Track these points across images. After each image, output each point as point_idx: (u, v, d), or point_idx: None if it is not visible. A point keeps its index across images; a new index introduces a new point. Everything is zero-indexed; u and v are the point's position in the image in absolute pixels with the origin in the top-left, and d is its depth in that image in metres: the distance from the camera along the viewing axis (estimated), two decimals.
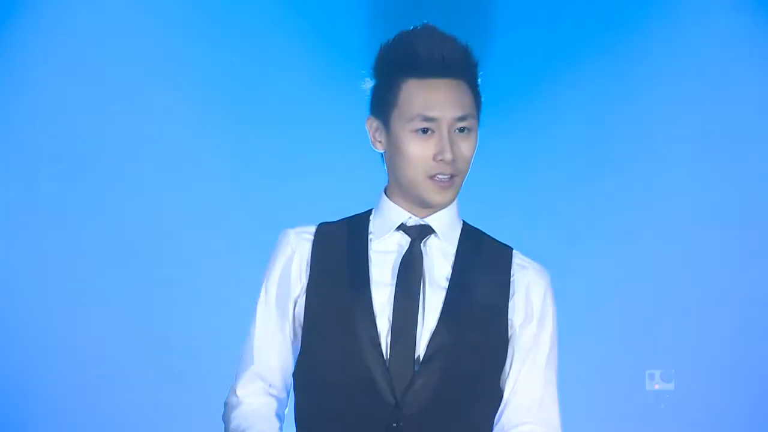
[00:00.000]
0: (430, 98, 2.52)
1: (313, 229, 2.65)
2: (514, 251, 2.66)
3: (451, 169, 2.54)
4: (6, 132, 4.36)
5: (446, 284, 2.58)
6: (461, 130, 2.55)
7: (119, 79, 4.38)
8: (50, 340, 4.35)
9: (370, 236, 2.62)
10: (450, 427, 2.54)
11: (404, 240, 2.60)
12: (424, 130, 2.53)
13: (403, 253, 2.58)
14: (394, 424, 2.52)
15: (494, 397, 2.60)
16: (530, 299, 2.62)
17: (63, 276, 4.35)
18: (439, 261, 2.60)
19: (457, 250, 2.61)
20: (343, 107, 4.10)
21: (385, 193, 2.64)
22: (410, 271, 2.56)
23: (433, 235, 2.61)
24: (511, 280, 2.61)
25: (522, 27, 4.47)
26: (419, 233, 2.60)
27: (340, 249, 2.60)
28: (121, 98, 4.38)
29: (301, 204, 4.29)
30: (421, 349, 2.53)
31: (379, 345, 2.53)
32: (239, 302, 2.95)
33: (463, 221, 2.68)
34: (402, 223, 2.60)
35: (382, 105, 2.58)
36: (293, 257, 2.61)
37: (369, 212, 2.67)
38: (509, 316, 2.60)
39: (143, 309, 4.36)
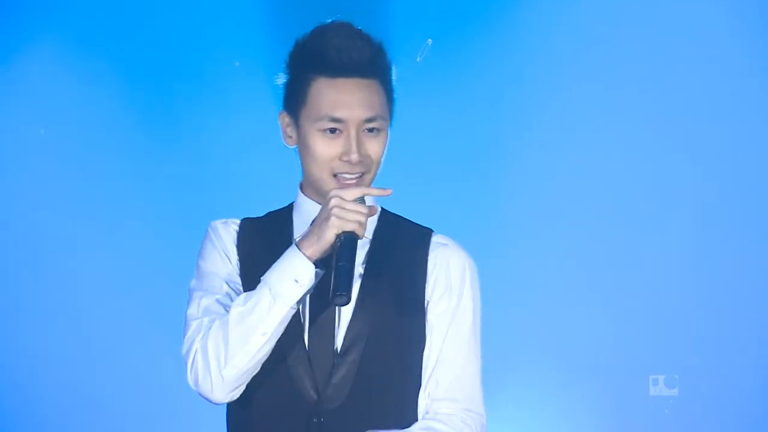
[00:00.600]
0: (338, 98, 2.53)
1: (238, 221, 2.68)
2: (433, 232, 2.66)
3: (358, 169, 2.55)
4: None
5: (361, 273, 2.59)
6: (370, 130, 2.56)
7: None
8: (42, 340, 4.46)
9: (293, 232, 2.63)
10: (372, 417, 2.54)
11: None
12: (332, 130, 2.54)
13: None
14: (315, 420, 2.53)
15: (416, 382, 2.59)
16: (448, 275, 2.61)
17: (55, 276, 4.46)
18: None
19: (372, 238, 2.62)
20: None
21: (301, 188, 2.66)
22: (324, 265, 2.54)
23: None
24: (428, 258, 2.61)
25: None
26: None
27: (266, 245, 2.62)
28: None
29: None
30: (339, 342, 2.55)
31: (303, 340, 2.54)
32: None
33: (382, 208, 2.68)
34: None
35: (293, 101, 2.59)
36: (225, 245, 2.64)
37: (290, 207, 2.69)
38: (426, 295, 2.59)
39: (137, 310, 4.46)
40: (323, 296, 2.51)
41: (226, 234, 2.65)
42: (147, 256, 4.48)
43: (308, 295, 2.54)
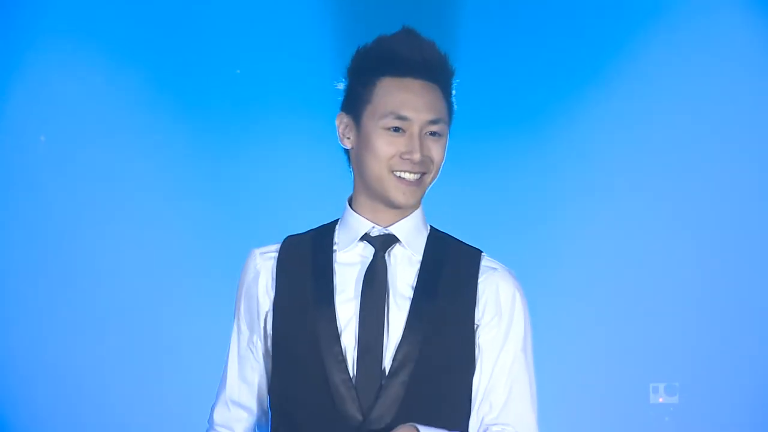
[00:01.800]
0: (405, 98, 2.53)
1: (277, 246, 2.64)
2: (483, 254, 2.64)
3: (419, 168, 2.54)
4: None
5: (411, 294, 2.56)
6: (432, 133, 2.56)
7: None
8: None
9: (334, 248, 2.61)
10: None
11: (368, 251, 2.58)
12: (396, 129, 2.53)
13: (367, 264, 2.57)
14: None
15: (464, 405, 2.58)
16: (498, 300, 2.58)
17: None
18: (404, 270, 2.58)
19: (422, 258, 2.59)
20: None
21: (349, 204, 2.63)
22: (374, 284, 2.55)
23: (397, 244, 2.59)
24: (479, 282, 2.58)
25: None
26: (383, 243, 2.58)
27: (305, 262, 2.59)
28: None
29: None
30: (387, 363, 2.52)
31: (344, 361, 2.51)
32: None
33: (431, 227, 2.66)
34: (366, 234, 2.59)
35: (355, 101, 2.57)
36: (258, 278, 2.62)
37: (335, 222, 2.66)
38: (476, 319, 2.57)
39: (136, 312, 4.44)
40: (372, 316, 2.52)
41: (262, 265, 2.63)
42: (146, 260, 4.45)
43: (357, 315, 2.54)
